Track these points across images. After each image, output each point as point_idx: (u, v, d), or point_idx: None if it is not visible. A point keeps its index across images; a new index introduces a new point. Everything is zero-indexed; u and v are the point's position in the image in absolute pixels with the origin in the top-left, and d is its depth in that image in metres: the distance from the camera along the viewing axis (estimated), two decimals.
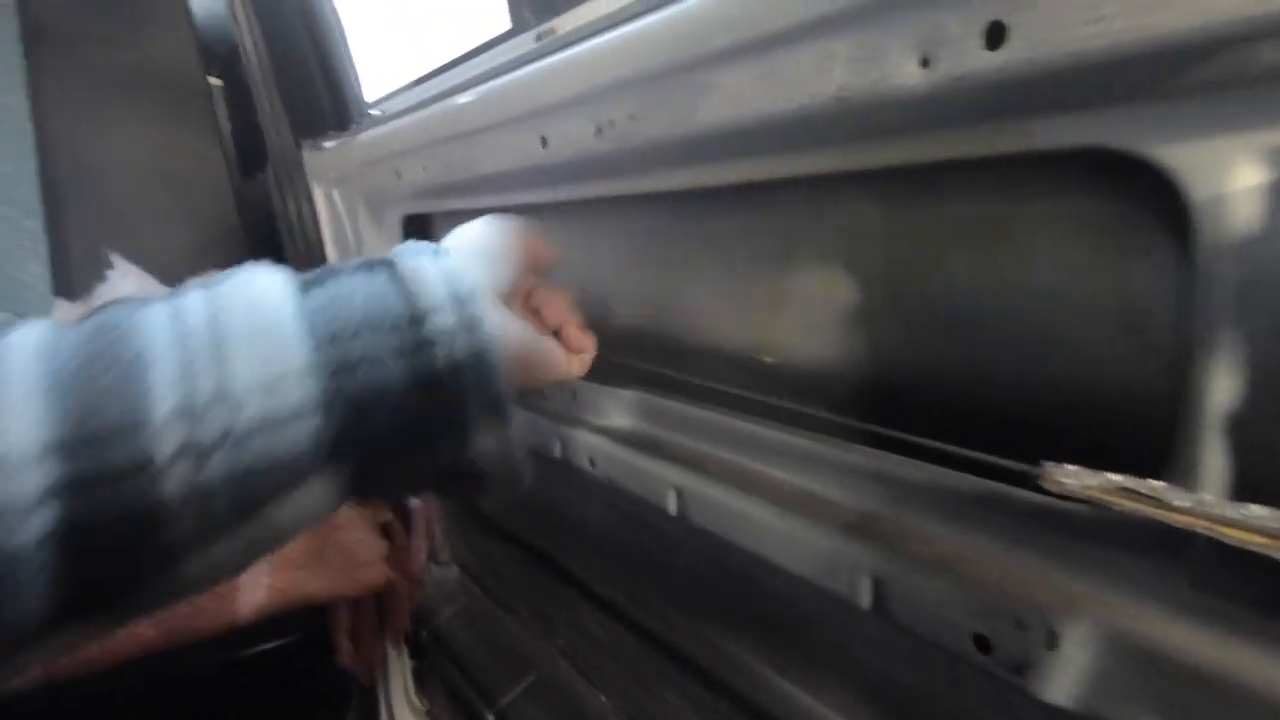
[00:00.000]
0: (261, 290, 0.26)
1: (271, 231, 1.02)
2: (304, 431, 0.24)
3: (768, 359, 0.47)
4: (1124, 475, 0.28)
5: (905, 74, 0.29)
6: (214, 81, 1.13)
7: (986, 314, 0.33)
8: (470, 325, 0.27)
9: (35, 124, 0.85)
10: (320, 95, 0.91)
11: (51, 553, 0.21)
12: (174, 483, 0.22)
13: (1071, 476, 0.29)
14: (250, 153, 1.11)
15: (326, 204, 0.92)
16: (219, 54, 1.11)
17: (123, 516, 0.21)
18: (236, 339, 0.24)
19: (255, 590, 0.51)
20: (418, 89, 0.74)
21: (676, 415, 0.52)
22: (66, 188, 0.88)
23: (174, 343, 0.23)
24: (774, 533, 0.42)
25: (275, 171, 0.97)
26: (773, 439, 0.44)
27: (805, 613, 0.48)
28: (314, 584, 0.53)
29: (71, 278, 0.88)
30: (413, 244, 0.31)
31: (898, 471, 0.37)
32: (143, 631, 0.48)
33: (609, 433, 0.56)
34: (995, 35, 0.25)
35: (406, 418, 0.26)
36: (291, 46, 0.91)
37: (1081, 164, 0.28)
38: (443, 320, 0.27)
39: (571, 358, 0.37)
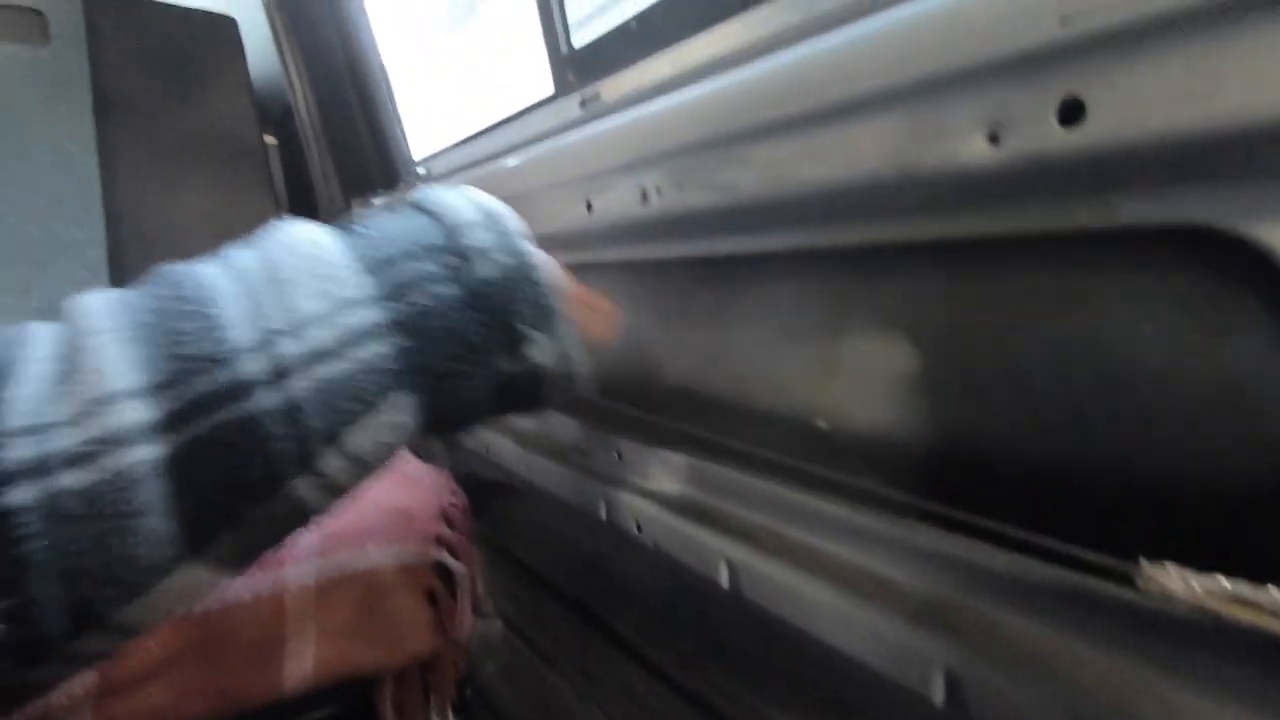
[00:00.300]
0: (301, 235, 0.28)
1: None
2: (374, 352, 0.25)
3: (822, 424, 0.45)
4: (1235, 580, 0.25)
5: (972, 150, 0.27)
6: (269, 140, 1.18)
7: (1068, 393, 0.31)
8: (503, 236, 0.29)
9: (104, 191, 0.89)
10: (369, 154, 0.94)
11: (166, 481, 0.22)
12: (265, 401, 0.23)
13: (1174, 579, 0.27)
14: (302, 208, 1.15)
15: None
16: (274, 113, 1.16)
17: (224, 439, 0.23)
18: (292, 272, 0.26)
19: (302, 661, 0.51)
20: (463, 149, 0.76)
21: (727, 482, 0.50)
22: (130, 249, 0.92)
23: (234, 282, 0.25)
24: (835, 615, 0.40)
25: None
26: (833, 514, 0.42)
27: (868, 700, 0.45)
28: (361, 655, 0.53)
29: None
30: (430, 187, 0.33)
31: (974, 557, 0.34)
32: (190, 704, 0.48)
33: (656, 497, 0.55)
34: (1071, 112, 0.24)
35: (463, 331, 0.27)
36: (342, 107, 0.95)
37: (1169, 241, 0.26)
38: (477, 236, 0.29)
39: (596, 316, 0.37)
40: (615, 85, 0.53)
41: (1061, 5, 0.23)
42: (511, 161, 0.58)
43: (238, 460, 0.23)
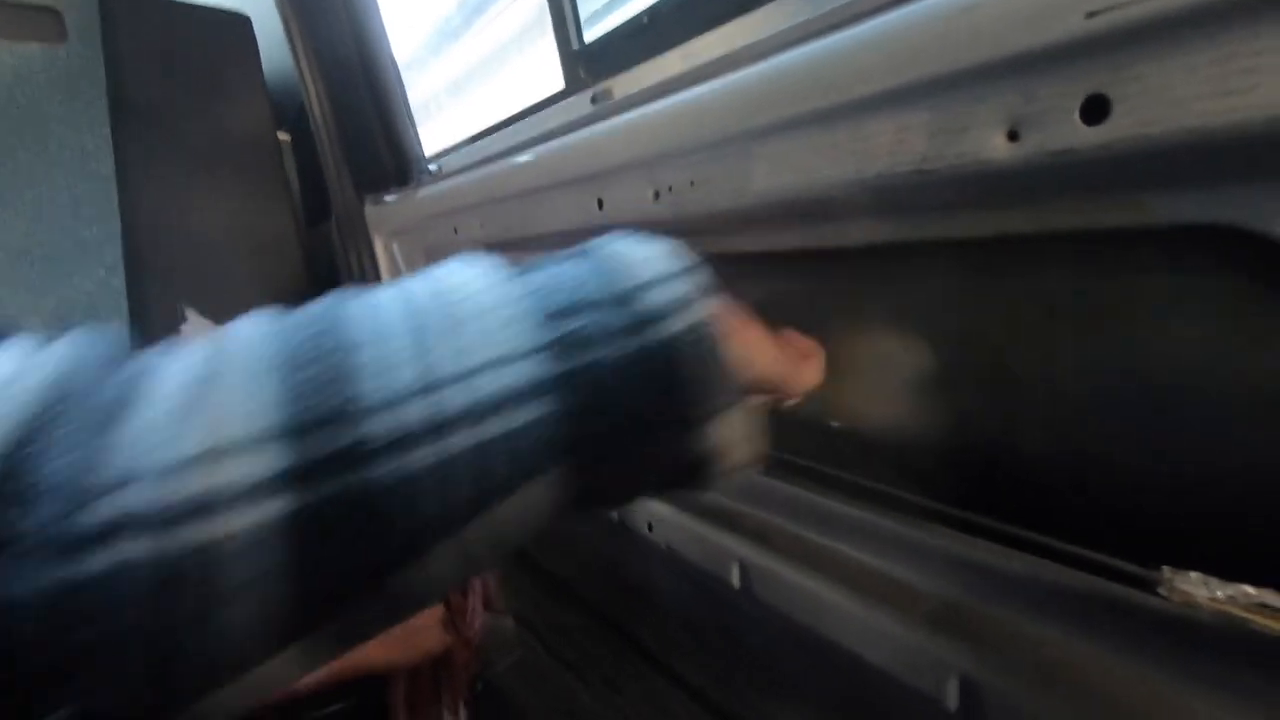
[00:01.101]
0: (479, 274, 0.25)
1: (335, 280, 1.05)
2: (540, 411, 0.22)
3: (836, 424, 0.45)
4: (1261, 588, 0.25)
5: (991, 147, 0.27)
6: (283, 136, 1.19)
7: (1092, 394, 0.31)
8: (690, 295, 0.25)
9: (120, 190, 0.90)
10: (381, 151, 0.94)
11: (283, 543, 0.19)
12: (417, 462, 0.20)
13: (1197, 586, 0.26)
14: (315, 203, 1.15)
15: (387, 255, 0.94)
16: (289, 110, 1.16)
17: (361, 501, 0.20)
18: (464, 316, 0.23)
19: None
20: (475, 146, 0.76)
21: (740, 483, 0.50)
22: (146, 247, 0.93)
23: (403, 319, 0.22)
24: (848, 617, 0.40)
25: (338, 223, 1.00)
26: (847, 515, 0.41)
27: (881, 704, 0.44)
28: (373, 652, 0.53)
29: (150, 331, 0.92)
30: (609, 235, 0.29)
31: (992, 561, 0.34)
32: None
33: (668, 498, 0.55)
34: (1095, 110, 0.23)
35: (635, 402, 0.24)
36: (354, 104, 0.95)
37: (1197, 241, 0.26)
38: (661, 292, 0.24)
39: (802, 361, 0.31)
40: (627, 82, 0.53)
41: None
42: (522, 159, 0.58)
43: (370, 528, 0.20)
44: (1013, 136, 0.26)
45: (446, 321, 0.22)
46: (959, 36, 0.27)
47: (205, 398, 0.20)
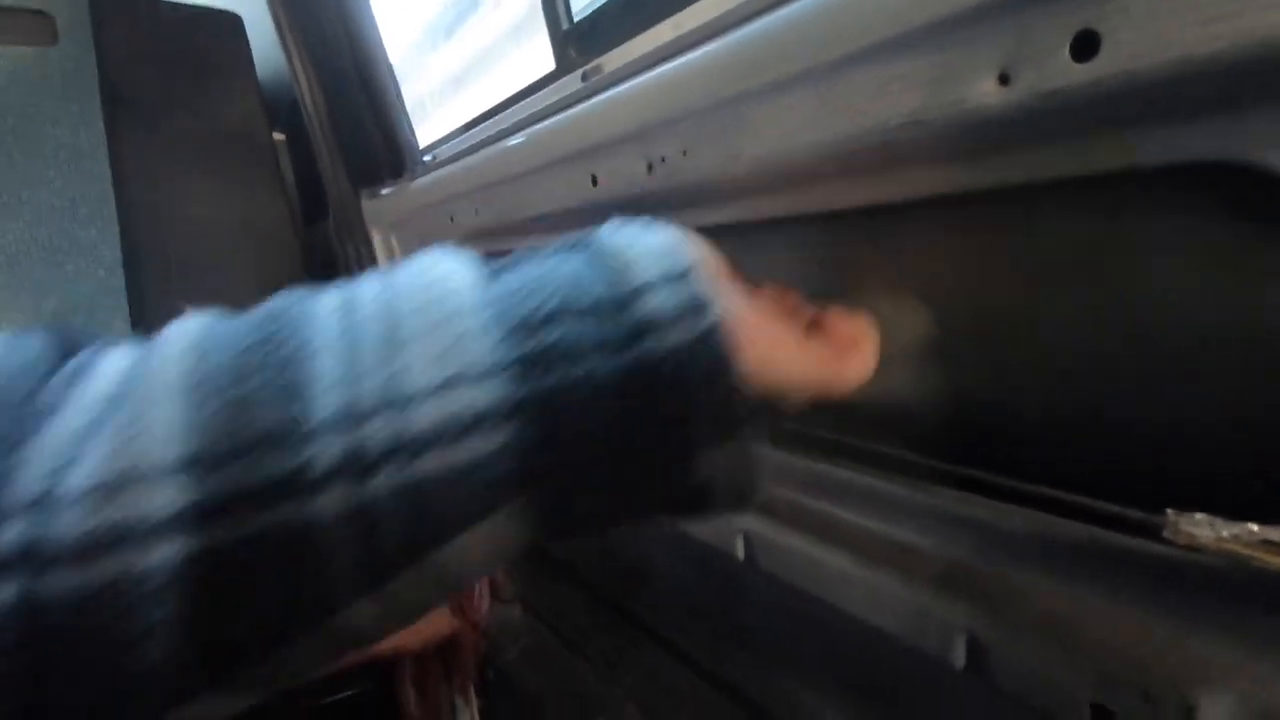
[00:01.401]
0: (442, 275, 0.21)
1: (333, 277, 1.05)
2: (489, 444, 0.19)
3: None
4: (1264, 525, 0.25)
5: (982, 93, 0.26)
6: (278, 137, 1.19)
7: (1088, 342, 0.30)
8: (694, 306, 0.21)
9: (116, 188, 0.90)
10: (376, 144, 0.93)
11: (180, 590, 0.17)
12: (334, 504, 0.18)
13: (1202, 527, 0.26)
14: (312, 202, 1.15)
15: (385, 249, 0.94)
16: (282, 110, 1.16)
17: (270, 546, 0.17)
18: (411, 329, 0.20)
19: None
20: (469, 134, 0.75)
21: None
22: (145, 247, 0.93)
23: (340, 334, 0.19)
24: (853, 583, 0.40)
25: (335, 219, 1.00)
26: (848, 480, 0.41)
27: (889, 667, 0.44)
28: None
29: (149, 329, 0.92)
30: (620, 221, 0.25)
31: (993, 519, 0.34)
32: None
33: None
34: (1085, 45, 0.23)
35: (611, 428, 0.20)
36: (348, 99, 0.95)
37: (1192, 179, 0.25)
38: (657, 302, 0.21)
39: (842, 356, 0.26)
40: (617, 57, 0.53)
41: None
42: (514, 141, 0.58)
43: (281, 577, 0.18)
44: (1004, 80, 0.26)
45: (389, 337, 0.19)
46: None
47: (118, 413, 0.18)
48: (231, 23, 1.07)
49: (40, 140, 0.87)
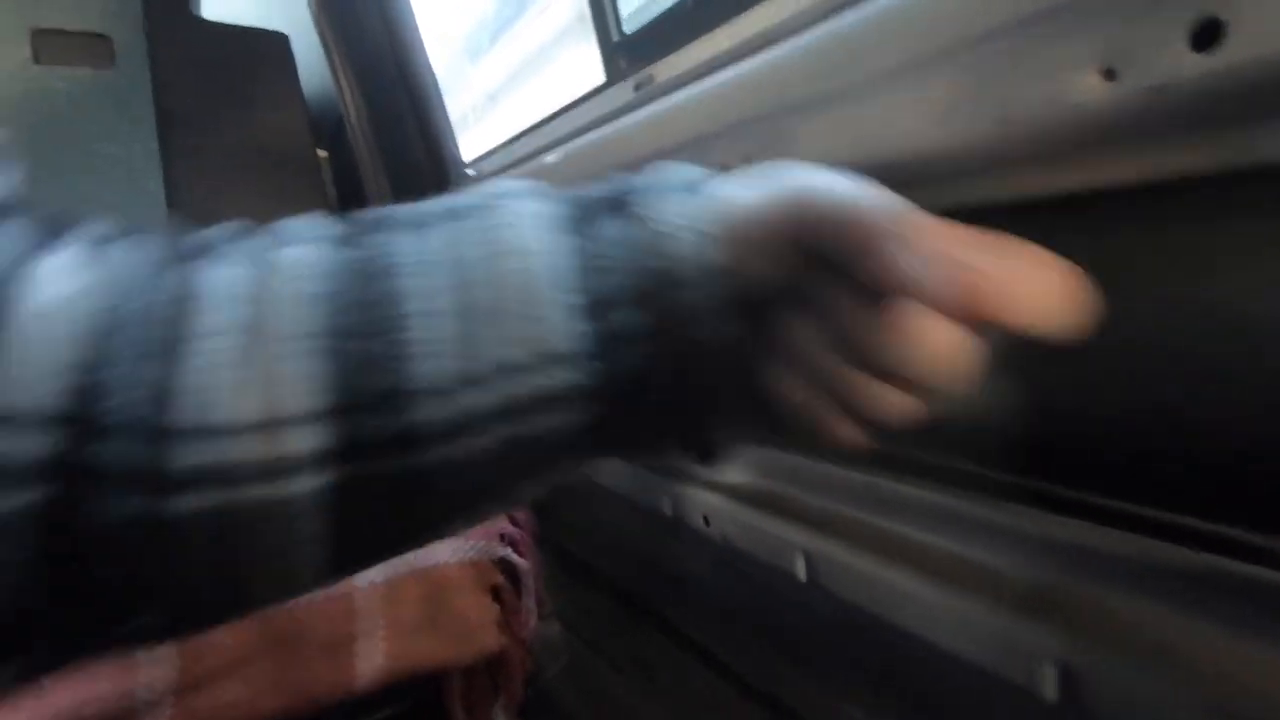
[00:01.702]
0: (528, 221, 0.23)
1: None
2: (567, 420, 0.22)
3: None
4: None
5: (1083, 89, 0.25)
6: (321, 154, 1.21)
7: (1196, 354, 0.28)
8: (722, 296, 0.22)
9: (168, 204, 0.92)
10: (420, 158, 0.94)
11: (321, 518, 0.21)
12: (438, 453, 0.21)
13: None
14: None
15: None
16: (326, 128, 1.18)
17: (389, 483, 0.21)
18: (497, 298, 0.21)
19: (373, 658, 0.50)
20: (514, 146, 0.75)
21: (800, 469, 0.48)
22: None
23: (449, 288, 0.21)
24: (925, 605, 0.38)
25: None
26: (919, 498, 0.40)
27: (966, 698, 0.42)
28: (429, 651, 0.52)
29: None
30: (667, 170, 0.25)
31: (1084, 540, 0.32)
32: (266, 700, 0.48)
33: (724, 488, 0.53)
34: (1207, 35, 0.22)
35: (663, 408, 0.23)
36: (392, 113, 0.96)
37: None
38: (696, 291, 0.22)
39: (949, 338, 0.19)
40: (669, 66, 0.52)
41: None
42: (563, 152, 0.58)
43: (399, 508, 0.22)
44: (1108, 75, 0.24)
45: (492, 298, 0.21)
46: None
47: (256, 353, 0.20)
48: (278, 42, 1.10)
49: (95, 158, 0.89)
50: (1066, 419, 0.34)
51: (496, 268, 0.22)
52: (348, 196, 1.20)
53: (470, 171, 0.86)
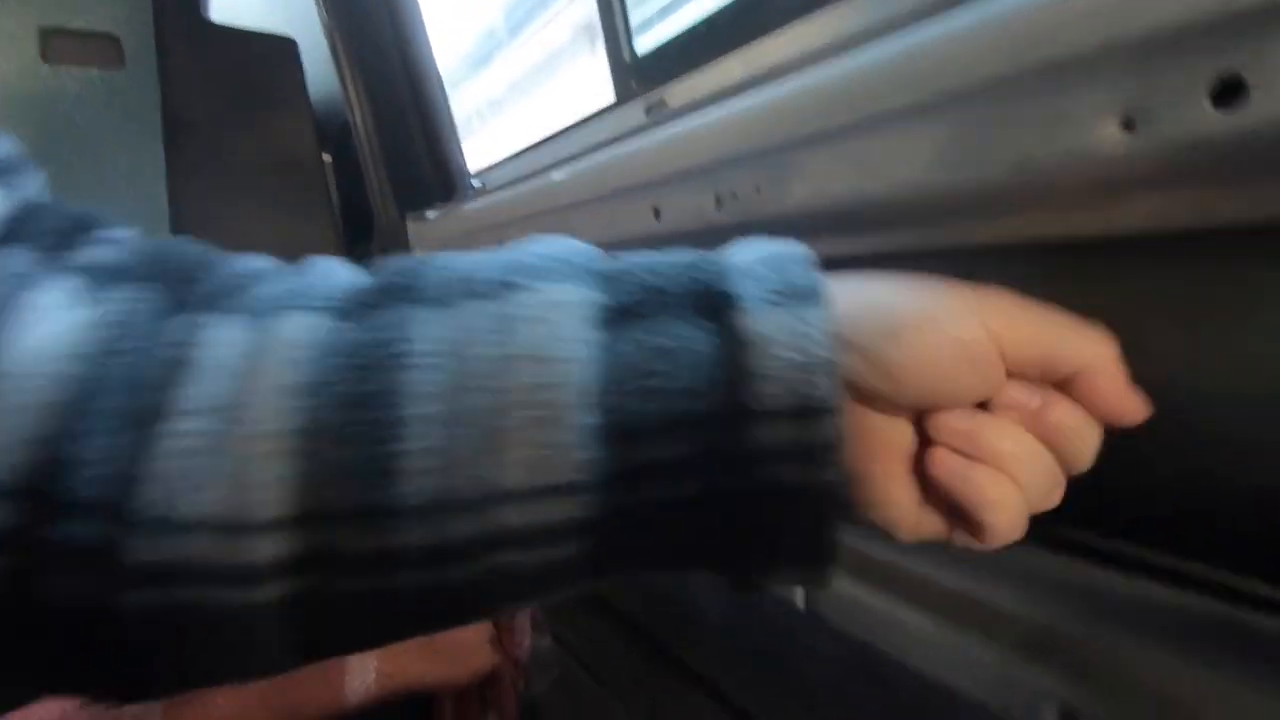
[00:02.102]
0: (557, 333, 0.20)
1: None
2: (567, 552, 0.20)
3: None
4: None
5: (1101, 139, 0.25)
6: (325, 158, 1.21)
7: (1202, 399, 0.29)
8: (809, 451, 0.19)
9: (171, 207, 0.92)
10: (424, 167, 0.94)
11: (281, 625, 0.20)
12: (412, 579, 0.20)
13: None
14: (355, 225, 1.17)
15: None
16: (331, 132, 1.18)
17: (357, 603, 0.20)
18: (505, 411, 0.19)
19: (364, 675, 0.50)
20: (521, 160, 0.76)
21: None
22: None
23: (432, 397, 0.19)
24: (928, 642, 0.37)
25: (380, 242, 1.01)
26: None
27: None
28: (422, 670, 0.52)
29: None
30: (765, 261, 0.22)
31: (1093, 583, 0.32)
32: (255, 716, 0.48)
33: None
34: (1229, 92, 0.22)
35: (690, 536, 0.20)
36: (399, 122, 0.96)
37: None
38: (776, 431, 0.19)
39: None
40: (681, 90, 0.52)
41: None
42: (571, 170, 0.58)
43: (368, 623, 0.21)
44: (1127, 125, 0.24)
45: (494, 410, 0.19)
46: (1060, 20, 0.25)
47: (231, 444, 0.19)
48: (287, 47, 1.10)
49: (102, 160, 0.89)
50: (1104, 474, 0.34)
51: (506, 374, 0.19)
52: (351, 201, 1.20)
53: (476, 183, 0.86)
